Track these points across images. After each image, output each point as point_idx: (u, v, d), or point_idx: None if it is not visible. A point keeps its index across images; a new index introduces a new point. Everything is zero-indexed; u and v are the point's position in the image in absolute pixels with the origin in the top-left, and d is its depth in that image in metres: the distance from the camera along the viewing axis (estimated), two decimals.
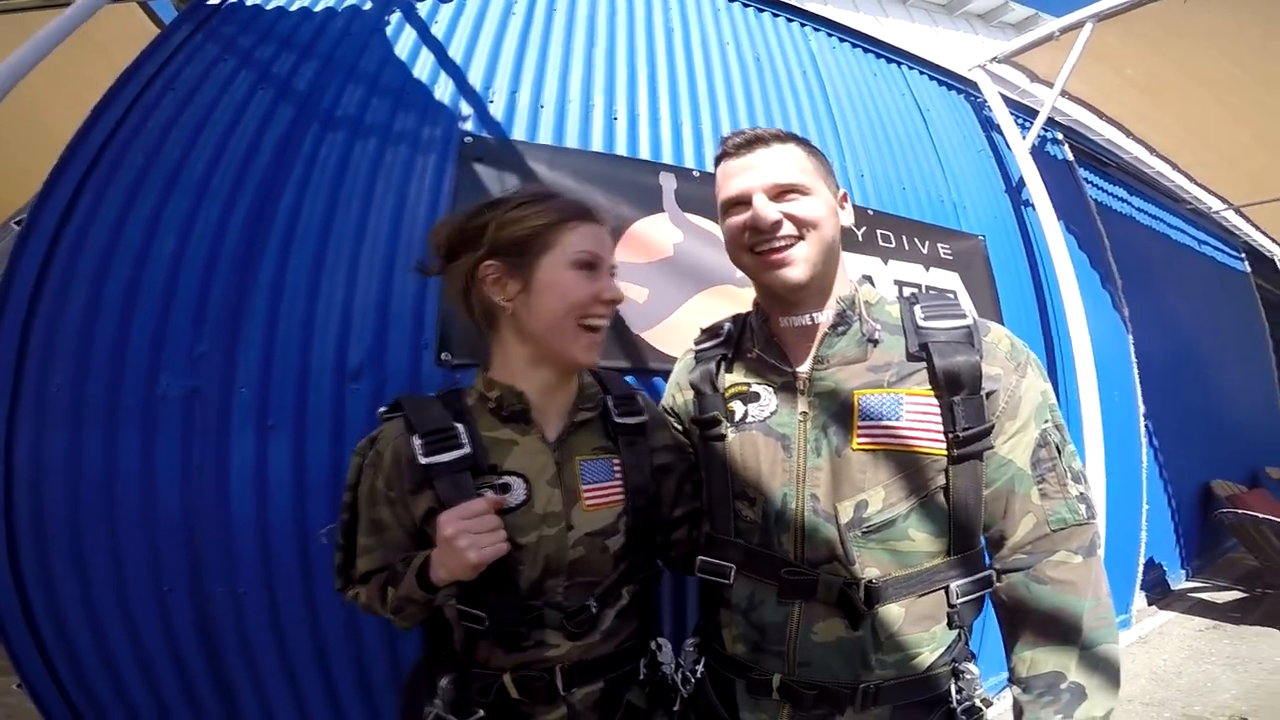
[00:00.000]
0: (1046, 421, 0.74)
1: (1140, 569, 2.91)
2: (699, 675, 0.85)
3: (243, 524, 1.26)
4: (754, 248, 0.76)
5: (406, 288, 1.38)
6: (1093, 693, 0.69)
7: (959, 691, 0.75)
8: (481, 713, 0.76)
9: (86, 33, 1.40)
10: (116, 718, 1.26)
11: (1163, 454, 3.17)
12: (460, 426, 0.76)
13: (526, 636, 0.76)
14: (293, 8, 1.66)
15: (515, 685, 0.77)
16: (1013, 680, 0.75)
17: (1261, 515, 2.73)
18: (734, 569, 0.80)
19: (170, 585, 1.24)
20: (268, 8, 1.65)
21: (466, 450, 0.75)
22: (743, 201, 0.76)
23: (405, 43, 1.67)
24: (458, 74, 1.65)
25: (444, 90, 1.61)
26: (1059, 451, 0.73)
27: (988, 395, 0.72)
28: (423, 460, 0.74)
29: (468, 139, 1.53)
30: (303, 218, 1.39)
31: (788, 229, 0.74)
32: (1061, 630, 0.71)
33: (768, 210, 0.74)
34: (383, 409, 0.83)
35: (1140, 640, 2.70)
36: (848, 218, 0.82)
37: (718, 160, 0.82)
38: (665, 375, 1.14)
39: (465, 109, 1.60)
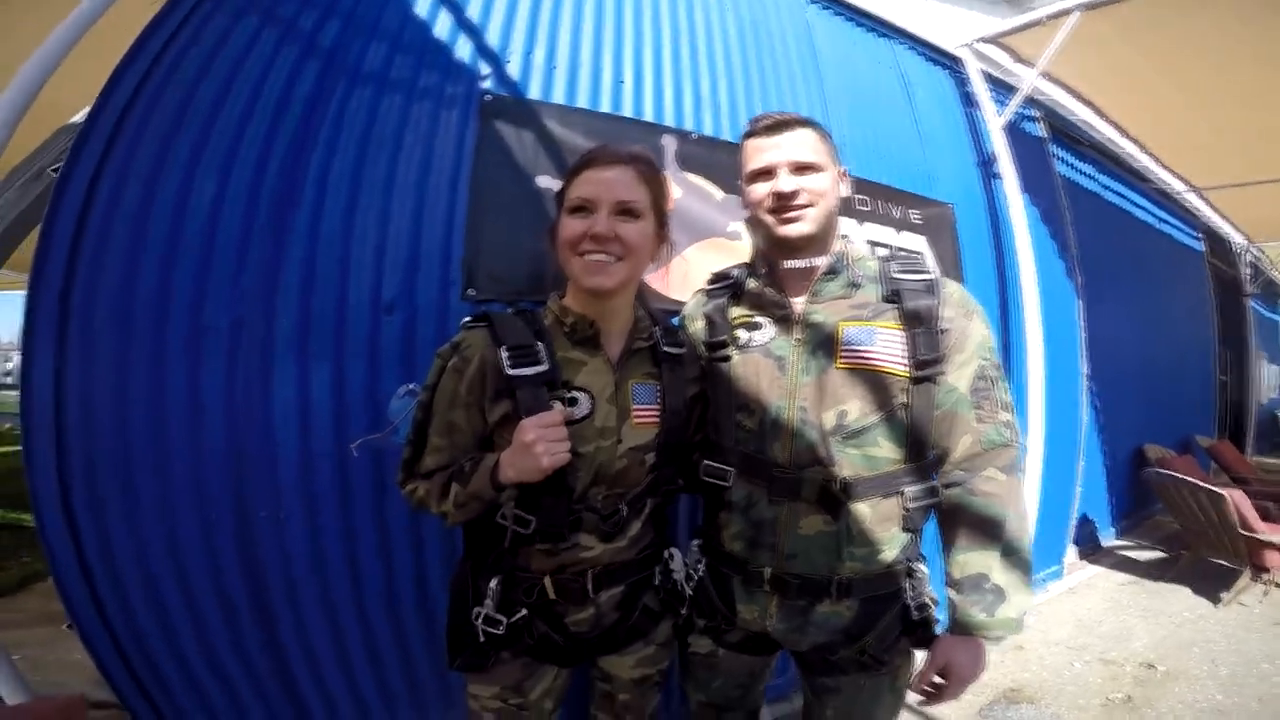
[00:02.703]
0: (985, 359, 0.91)
1: (1073, 523, 3.14)
2: (701, 573, 1.00)
3: (285, 449, 1.34)
4: (774, 210, 0.94)
5: (434, 231, 1.51)
6: (1011, 594, 0.83)
7: (912, 589, 0.92)
8: (525, 611, 0.86)
9: None
10: (161, 653, 1.31)
11: (1103, 415, 3.40)
12: (540, 344, 0.84)
13: (566, 538, 0.85)
14: None
15: (554, 587, 0.86)
16: (947, 582, 0.89)
17: (1184, 477, 2.93)
18: (733, 473, 0.94)
19: (216, 513, 1.30)
20: None
21: (546, 366, 0.82)
22: (768, 172, 0.94)
23: (424, 2, 1.71)
24: (476, 34, 1.73)
25: (464, 49, 1.70)
26: (993, 384, 0.90)
27: (942, 332, 0.89)
28: (509, 371, 0.81)
29: (488, 97, 1.65)
30: (334, 167, 1.47)
31: (803, 198, 0.92)
32: (987, 535, 0.85)
33: (790, 182, 0.91)
34: (467, 319, 0.90)
35: (1069, 591, 2.93)
36: (845, 190, 0.99)
37: (745, 136, 0.99)
38: (665, 314, 1.28)
39: (484, 68, 1.70)
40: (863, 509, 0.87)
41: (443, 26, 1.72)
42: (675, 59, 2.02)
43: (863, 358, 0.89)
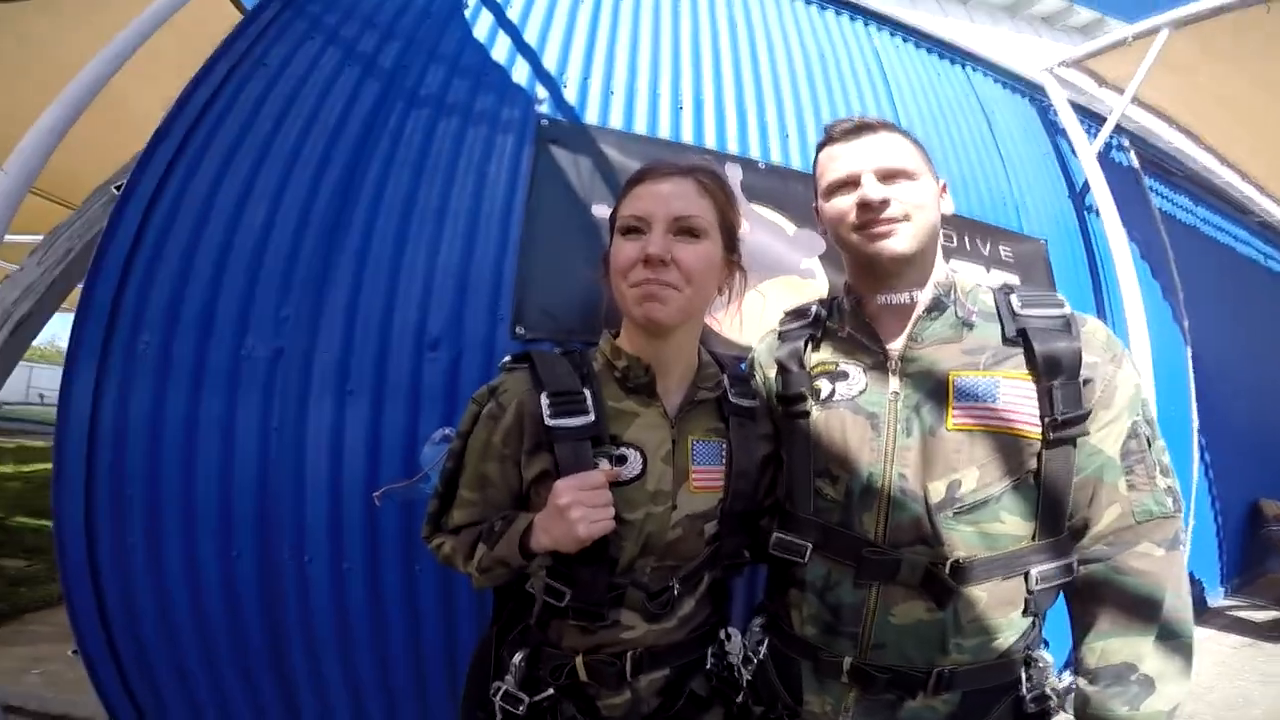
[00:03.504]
0: (1138, 414, 0.74)
1: None
2: (762, 656, 0.84)
3: (315, 489, 1.28)
4: (861, 226, 0.77)
5: (485, 262, 1.43)
6: (1162, 685, 0.69)
7: (1029, 679, 0.75)
8: (551, 691, 0.76)
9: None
10: (170, 686, 1.28)
11: (1213, 470, 3.09)
12: (587, 392, 0.74)
13: (604, 616, 0.74)
14: None
15: (586, 668, 0.75)
16: (1079, 671, 0.74)
17: None
18: (810, 548, 0.79)
19: (238, 549, 1.26)
20: None
21: (591, 418, 0.73)
22: (851, 183, 0.78)
23: (483, 26, 1.72)
24: (533, 58, 1.70)
25: (520, 73, 1.66)
26: (1149, 444, 0.73)
27: (1084, 382, 0.72)
28: (549, 421, 0.72)
29: (544, 121, 1.58)
30: (388, 191, 1.44)
31: (895, 209, 0.75)
32: (1139, 620, 0.70)
33: (878, 189, 0.75)
34: (506, 359, 0.81)
35: None
36: (948, 206, 0.82)
37: (821, 146, 0.84)
38: (735, 359, 1.15)
39: (541, 92, 1.64)
40: (976, 594, 0.73)
41: (500, 50, 1.69)
42: (738, 85, 1.91)
43: (983, 416, 0.73)
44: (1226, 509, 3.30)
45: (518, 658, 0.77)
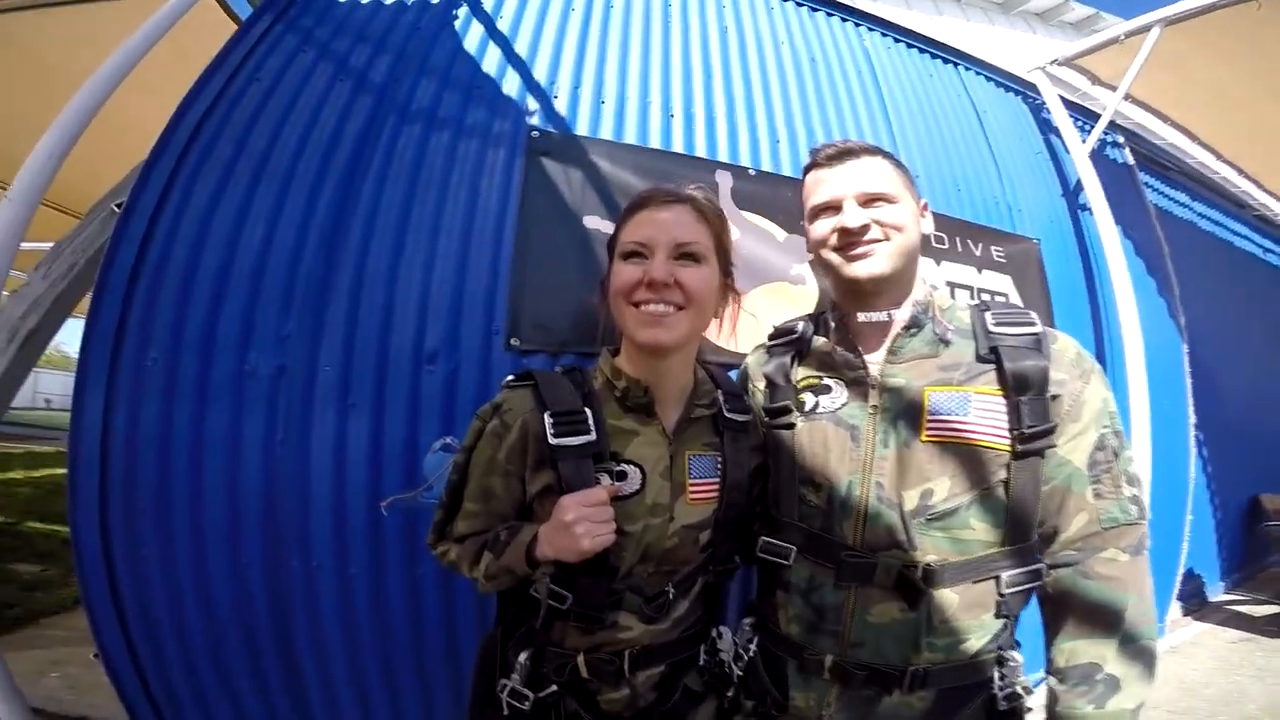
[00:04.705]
0: (1106, 427, 0.77)
1: (1178, 579, 2.86)
2: (752, 654, 0.89)
3: (320, 499, 1.31)
4: (841, 248, 0.81)
5: (479, 276, 1.45)
6: (1126, 685, 0.72)
7: (1002, 678, 0.78)
8: (554, 688, 0.80)
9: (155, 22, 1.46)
10: (183, 691, 1.31)
11: (1211, 464, 3.08)
12: (588, 411, 0.78)
13: (604, 619, 0.78)
14: (364, 0, 1.71)
15: (587, 666, 0.80)
16: (1050, 670, 0.78)
17: None
18: (794, 551, 0.83)
19: (248, 559, 1.29)
20: (340, 0, 1.70)
21: (593, 437, 0.76)
22: (833, 207, 0.82)
23: (473, 37, 1.72)
24: (523, 69, 1.71)
25: (511, 85, 1.67)
26: (1116, 456, 0.77)
27: (1053, 398, 0.75)
28: (552, 440, 0.75)
29: (535, 133, 1.59)
30: (383, 207, 1.46)
31: (875, 232, 0.80)
32: (1103, 623, 0.74)
33: (858, 215, 0.80)
34: (510, 377, 0.85)
35: (1171, 650, 2.68)
36: (928, 225, 0.86)
37: (807, 169, 0.88)
38: (723, 368, 1.18)
39: (531, 104, 1.66)
40: (948, 596, 0.77)
41: (491, 61, 1.70)
42: (728, 91, 1.92)
43: (954, 430, 0.77)
44: (1225, 504, 3.30)
45: (523, 657, 0.80)
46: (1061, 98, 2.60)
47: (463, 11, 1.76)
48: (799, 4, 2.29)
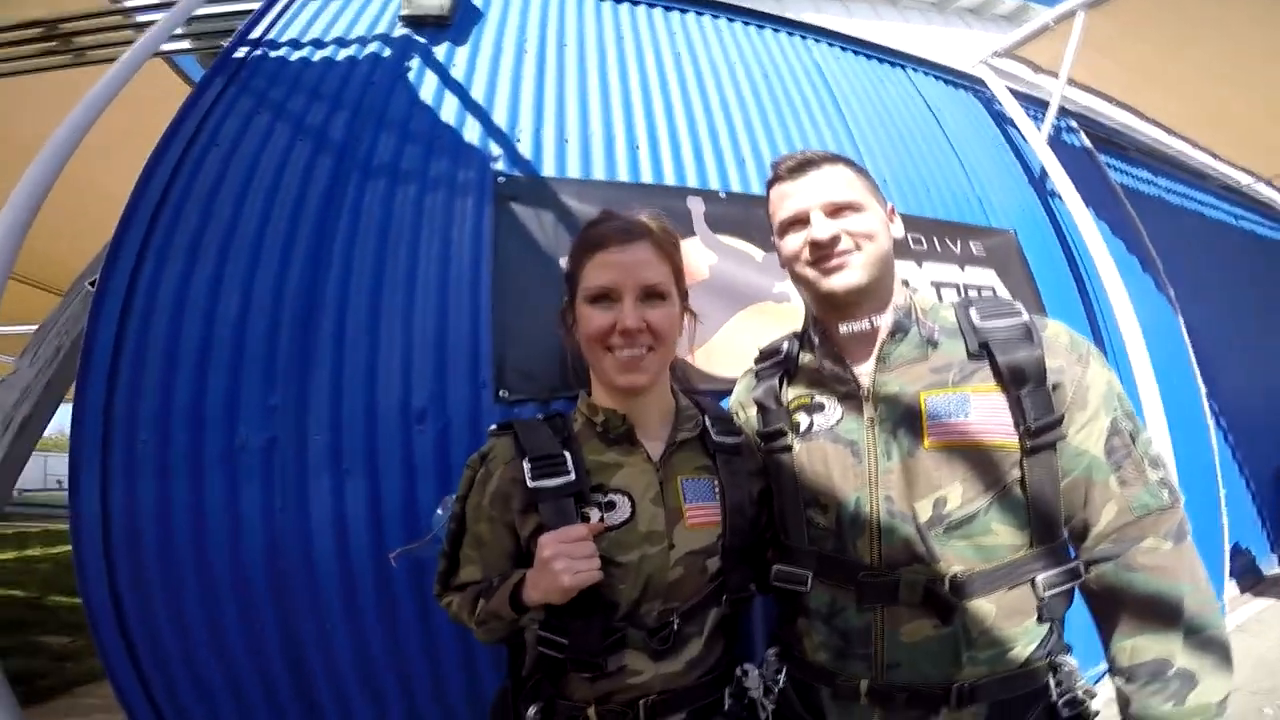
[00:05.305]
0: (1116, 409, 0.75)
1: (1227, 556, 2.74)
2: (781, 685, 0.84)
3: (325, 561, 1.28)
4: (814, 262, 0.80)
5: (460, 329, 1.41)
6: (1204, 677, 0.68)
7: (1058, 685, 0.74)
8: None
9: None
10: None
11: (1233, 435, 3.01)
12: (567, 454, 0.79)
13: (605, 665, 0.76)
14: (315, 58, 1.72)
15: (599, 718, 0.76)
16: (1114, 670, 0.74)
17: None
18: (810, 576, 0.80)
19: (260, 624, 1.27)
20: (291, 59, 1.70)
21: (572, 478, 0.77)
22: (800, 220, 0.81)
23: (429, 88, 1.73)
24: (483, 115, 1.72)
25: (472, 132, 1.68)
26: (1133, 439, 0.74)
27: (1054, 387, 0.74)
28: (531, 484, 0.77)
29: (501, 178, 1.58)
30: (355, 267, 1.44)
31: (845, 243, 0.79)
32: (1162, 617, 0.70)
33: (826, 226, 0.79)
34: (494, 426, 0.87)
35: (1238, 629, 2.55)
36: (898, 230, 0.85)
37: (770, 184, 0.87)
38: (712, 396, 1.14)
39: (495, 149, 1.66)
40: (983, 606, 0.73)
41: (449, 110, 1.70)
42: (689, 117, 1.95)
43: (957, 432, 0.75)
44: (1256, 474, 3.21)
45: (532, 711, 0.79)
46: (1009, 88, 2.66)
47: (415, 63, 1.77)
48: (745, 23, 2.35)
